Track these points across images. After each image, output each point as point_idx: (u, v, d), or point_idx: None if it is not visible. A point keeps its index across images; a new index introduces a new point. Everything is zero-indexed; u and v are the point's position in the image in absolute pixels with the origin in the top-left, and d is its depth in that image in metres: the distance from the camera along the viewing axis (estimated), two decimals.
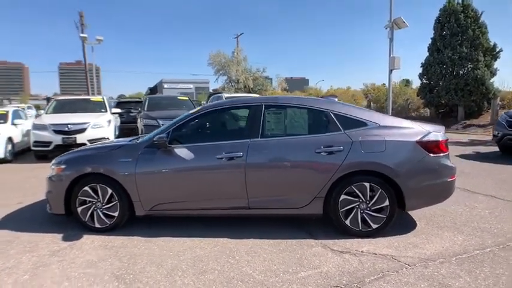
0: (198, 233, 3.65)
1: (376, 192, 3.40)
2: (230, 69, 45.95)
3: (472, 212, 4.22)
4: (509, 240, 3.36)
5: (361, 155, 3.39)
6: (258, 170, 3.50)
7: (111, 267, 2.96)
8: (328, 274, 2.77)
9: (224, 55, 46.90)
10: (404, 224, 3.81)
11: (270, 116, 3.67)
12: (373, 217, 3.44)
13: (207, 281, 2.70)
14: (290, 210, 3.53)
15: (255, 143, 3.53)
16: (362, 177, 3.41)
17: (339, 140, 3.45)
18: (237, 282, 2.68)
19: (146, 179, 3.61)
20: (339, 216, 3.46)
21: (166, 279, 2.76)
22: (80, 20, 33.54)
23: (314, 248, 3.27)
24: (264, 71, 50.43)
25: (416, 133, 3.48)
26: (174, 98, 12.46)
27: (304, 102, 3.74)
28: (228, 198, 3.57)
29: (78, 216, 3.73)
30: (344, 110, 3.62)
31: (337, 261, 2.98)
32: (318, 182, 3.42)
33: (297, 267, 2.89)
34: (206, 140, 3.75)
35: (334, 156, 3.40)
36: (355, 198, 3.43)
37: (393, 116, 3.95)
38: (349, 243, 3.34)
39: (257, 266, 2.93)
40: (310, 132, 3.62)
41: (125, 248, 3.36)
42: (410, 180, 3.39)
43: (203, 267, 2.94)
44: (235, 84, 47.28)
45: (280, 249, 3.25)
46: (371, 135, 3.46)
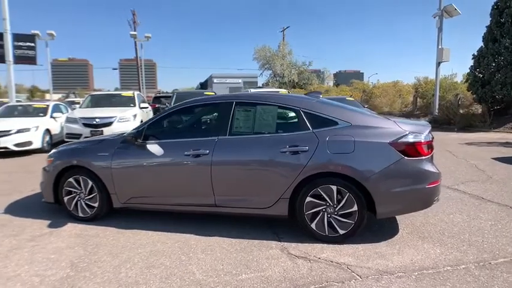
0: (168, 227, 3.73)
1: (344, 196, 3.20)
2: (275, 63, 45.78)
3: (471, 223, 3.79)
4: (494, 258, 2.97)
5: (327, 156, 3.21)
6: (223, 168, 3.47)
7: (72, 255, 3.15)
8: (269, 279, 2.68)
9: (269, 49, 46.82)
10: (384, 231, 3.55)
11: (240, 113, 3.60)
12: (341, 222, 3.25)
13: (148, 275, 2.77)
14: (256, 210, 3.46)
15: (222, 141, 3.50)
16: (329, 180, 3.23)
17: (305, 139, 3.29)
18: (175, 279, 2.70)
19: (120, 173, 3.76)
20: (304, 219, 3.32)
21: (113, 270, 2.87)
22: (133, 18, 35.54)
23: (272, 250, 3.18)
24: (310, 64, 49.52)
25: (391, 134, 3.20)
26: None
27: (275, 100, 3.61)
28: (195, 195, 3.60)
29: (65, 206, 4.01)
30: (315, 108, 3.44)
31: (287, 266, 2.87)
32: (282, 182, 3.31)
33: (243, 269, 2.84)
34: (177, 136, 3.80)
35: (298, 156, 3.26)
36: (321, 201, 3.26)
37: (377, 115, 3.66)
38: (310, 248, 3.20)
39: (204, 265, 2.93)
40: (278, 130, 3.49)
41: (96, 237, 3.54)
42: (381, 184, 3.14)
43: (153, 261, 3.01)
44: (279, 78, 47.07)
45: (237, 249, 3.21)
46: (340, 135, 3.25)
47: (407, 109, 20.45)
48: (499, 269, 2.78)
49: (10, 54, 11.44)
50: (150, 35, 30.69)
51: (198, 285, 2.62)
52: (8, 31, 11.23)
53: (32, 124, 8.62)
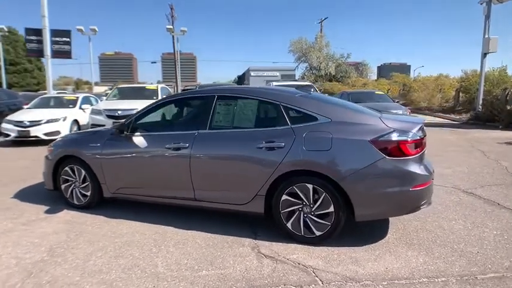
0: (154, 219, 3.78)
1: (320, 195, 3.04)
2: (311, 56, 44.87)
3: (473, 231, 3.44)
4: (483, 272, 2.67)
5: (303, 153, 3.06)
6: (201, 162, 3.44)
7: (54, 240, 3.30)
8: (227, 277, 2.62)
9: (305, 41, 45.94)
10: (371, 234, 3.33)
11: (221, 107, 3.54)
12: (317, 223, 3.09)
13: (113, 265, 2.82)
14: (233, 206, 3.40)
15: (202, 135, 3.47)
16: (305, 178, 3.08)
17: (282, 135, 3.16)
18: (136, 270, 2.73)
19: (109, 164, 3.87)
20: (280, 217, 3.21)
21: (84, 257, 2.96)
22: (171, 13, 36.42)
23: (243, 248, 3.11)
24: (348, 57, 47.97)
25: (373, 131, 2.97)
26: None
27: (256, 94, 3.49)
28: (176, 188, 3.61)
29: (62, 193, 4.21)
30: (295, 103, 3.29)
31: (251, 265, 2.79)
32: (258, 179, 3.21)
33: (205, 265, 2.80)
34: (162, 129, 3.83)
35: (274, 152, 3.14)
36: (297, 200, 3.13)
37: (364, 111, 3.41)
38: (283, 248, 3.08)
39: (170, 258, 2.93)
40: (257, 125, 3.38)
41: (83, 225, 3.69)
42: (359, 185, 2.94)
43: (124, 251, 3.06)
44: (316, 71, 46.10)
45: (208, 244, 3.18)
46: (317, 131, 3.08)
47: (448, 104, 19.12)
48: (483, 285, 2.50)
49: (48, 49, 12.24)
50: (185, 29, 31.33)
51: (156, 278, 2.62)
52: (47, 27, 11.99)
53: (61, 115, 9.17)
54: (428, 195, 3.08)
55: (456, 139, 9.75)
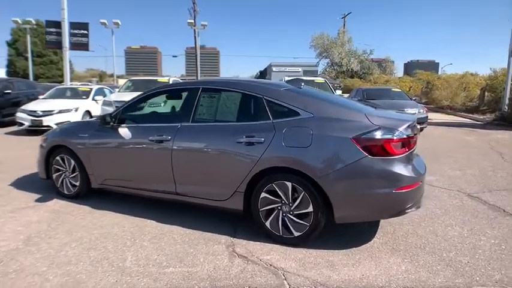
0: (137, 212, 3.74)
1: (299, 194, 2.90)
2: (332, 51, 44.04)
3: (468, 239, 3.20)
4: (469, 285, 2.45)
5: (282, 149, 2.91)
6: (182, 156, 3.36)
7: (35, 229, 3.32)
8: (192, 276, 2.54)
9: (327, 37, 45.13)
10: (356, 237, 3.16)
11: (205, 100, 3.44)
12: (295, 223, 2.95)
13: (83, 257, 2.80)
14: (213, 202, 3.30)
15: (184, 128, 3.39)
16: (284, 175, 2.94)
17: (263, 130, 3.03)
18: (104, 263, 2.70)
19: (95, 154, 3.87)
20: (258, 215, 3.09)
21: (58, 248, 2.96)
22: (193, 7, 36.61)
23: (217, 245, 3.02)
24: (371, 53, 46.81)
25: (356, 128, 2.78)
26: None
27: (240, 87, 3.36)
28: (158, 181, 3.55)
29: (54, 182, 4.25)
30: (278, 97, 3.14)
31: (220, 265, 2.69)
32: (237, 175, 3.10)
33: (174, 262, 2.73)
34: (147, 121, 3.78)
35: (253, 147, 3.01)
36: (276, 198, 3.00)
37: (350, 106, 3.21)
38: (259, 248, 2.96)
39: (141, 253, 2.87)
40: (239, 119, 3.26)
41: (67, 214, 3.70)
42: (338, 185, 2.77)
43: (98, 244, 3.04)
44: (337, 67, 45.25)
45: (184, 241, 3.10)
46: (298, 127, 2.93)
47: (472, 104, 18.24)
48: None
49: (66, 41, 12.53)
50: (206, 23, 31.40)
51: (121, 272, 2.57)
52: (66, 20, 12.27)
53: (73, 105, 9.37)
54: (415, 198, 2.87)
55: (475, 140, 9.26)
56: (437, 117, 15.35)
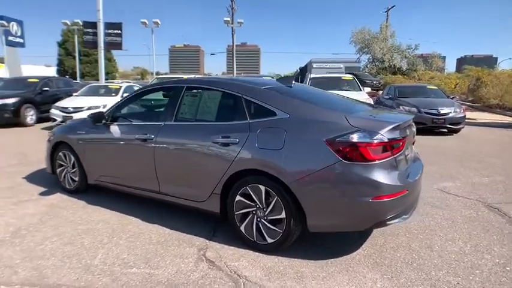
0: (127, 209, 3.78)
1: (272, 199, 2.74)
2: (374, 47, 42.27)
3: (467, 257, 2.84)
4: None
5: (255, 151, 2.77)
6: (164, 155, 3.33)
7: (27, 222, 3.46)
8: (151, 278, 2.49)
9: (369, 31, 43.34)
10: (340, 247, 2.94)
11: (188, 98, 3.37)
12: (269, 229, 2.80)
13: (58, 251, 2.87)
14: (192, 202, 3.24)
15: (166, 127, 3.35)
16: (258, 178, 2.80)
17: (239, 130, 2.90)
18: (73, 259, 2.74)
19: (90, 151, 3.97)
20: (234, 219, 2.97)
21: (40, 241, 3.06)
22: (231, 5, 36.96)
23: (190, 248, 2.95)
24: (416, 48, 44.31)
25: (332, 130, 2.56)
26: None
27: (220, 85, 3.24)
28: (143, 179, 3.55)
29: (58, 177, 4.44)
30: (257, 96, 2.98)
31: (184, 268, 2.62)
32: (213, 176, 3.00)
33: (140, 263, 2.70)
34: (135, 119, 3.79)
35: (228, 148, 2.90)
36: (251, 202, 2.86)
37: (332, 106, 2.97)
38: (231, 253, 2.85)
39: (113, 252, 2.88)
40: (218, 118, 3.16)
41: (61, 209, 3.83)
42: (311, 191, 2.57)
43: (78, 239, 3.10)
44: (379, 63, 43.41)
45: (159, 241, 3.07)
46: (272, 128, 2.77)
47: None
48: None
49: (102, 41, 13.17)
50: (242, 21, 31.58)
51: (85, 270, 2.59)
52: (101, 21, 12.89)
53: (102, 102, 9.80)
54: (399, 209, 2.59)
55: None
56: (482, 117, 14.12)
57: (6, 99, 9.80)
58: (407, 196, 2.64)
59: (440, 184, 4.87)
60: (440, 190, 4.61)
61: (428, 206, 3.97)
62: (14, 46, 26.04)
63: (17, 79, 11.77)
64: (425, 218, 3.63)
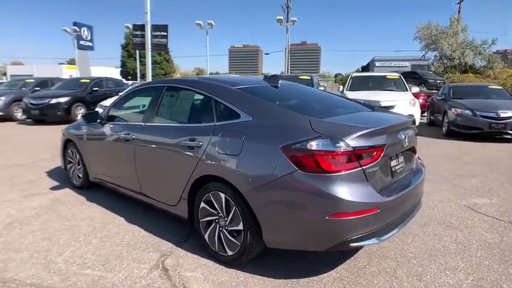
0: (118, 208, 3.83)
1: (231, 208, 2.54)
2: (441, 43, 38.87)
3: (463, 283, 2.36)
4: None
5: (215, 156, 2.59)
6: (141, 155, 3.31)
7: (25, 215, 3.68)
8: (98, 282, 2.45)
9: (436, 26, 39.94)
10: (311, 265, 2.63)
11: (167, 99, 3.30)
12: (229, 240, 2.60)
13: (34, 245, 2.98)
14: (166, 206, 3.16)
15: (146, 127, 3.32)
16: (218, 185, 2.61)
17: (204, 132, 2.74)
18: (40, 256, 2.81)
19: (88, 149, 4.11)
20: (199, 226, 2.83)
21: (24, 234, 3.21)
22: (286, 3, 36.73)
23: (153, 253, 2.86)
24: (493, 43, 39.85)
25: (291, 135, 2.28)
26: (296, 77, 12.15)
27: (195, 85, 3.09)
28: (128, 179, 3.57)
29: (68, 173, 4.69)
30: (225, 96, 2.79)
31: (134, 275, 2.53)
32: (180, 180, 2.88)
33: (98, 264, 2.68)
34: (124, 119, 3.80)
35: (193, 152, 2.75)
36: (213, 210, 2.69)
37: (299, 108, 2.66)
38: (192, 262, 2.71)
39: (80, 250, 2.90)
40: (190, 119, 3.03)
41: (61, 204, 4.01)
42: (265, 202, 2.33)
43: (58, 235, 3.20)
44: (447, 61, 39.84)
45: (129, 243, 3.04)
46: (233, 131, 2.56)
47: None
48: None
49: (149, 43, 13.87)
50: (295, 19, 31.14)
51: (44, 267, 2.64)
52: (149, 23, 13.58)
53: None
54: (369, 229, 2.21)
55: None
56: None
57: (59, 98, 10.78)
58: (381, 215, 2.24)
59: (470, 200, 4.20)
60: (468, 207, 3.96)
61: (441, 226, 3.42)
62: (84, 49, 28.77)
63: (72, 80, 12.94)
64: (431, 239, 3.12)
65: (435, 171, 5.54)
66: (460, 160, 6.45)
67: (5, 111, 11.58)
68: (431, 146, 7.95)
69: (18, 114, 11.83)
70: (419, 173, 2.95)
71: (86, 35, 28.74)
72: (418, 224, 3.46)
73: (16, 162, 6.01)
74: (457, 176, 5.27)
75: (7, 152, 7.00)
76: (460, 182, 4.94)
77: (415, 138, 2.89)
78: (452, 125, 9.10)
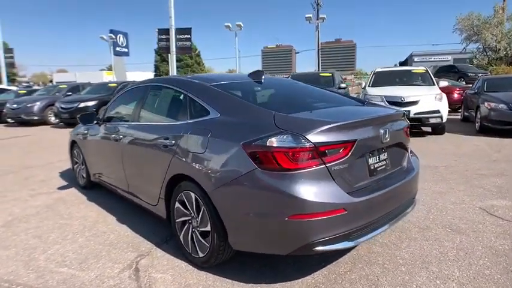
0: (115, 208, 3.88)
1: (201, 208, 2.45)
2: (484, 33, 36.33)
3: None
4: None
5: (185, 155, 2.52)
6: (127, 155, 3.32)
7: (26, 213, 3.83)
8: (69, 280, 2.45)
9: (478, 16, 37.40)
10: (285, 270, 2.49)
11: (150, 98, 3.29)
12: (200, 242, 2.52)
13: (21, 243, 3.07)
14: (149, 205, 3.13)
15: (131, 126, 3.34)
16: (189, 185, 2.53)
17: (177, 131, 2.69)
18: (25, 253, 2.89)
19: (88, 150, 4.21)
20: (175, 227, 2.77)
21: (18, 232, 3.33)
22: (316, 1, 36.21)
23: (131, 253, 2.84)
24: None
25: (253, 131, 2.15)
26: (316, 75, 11.78)
27: (173, 83, 3.04)
28: (118, 179, 3.60)
29: (74, 172, 4.85)
30: (198, 93, 2.71)
31: (106, 274, 2.52)
32: (157, 179, 2.84)
33: (76, 263, 2.69)
34: (116, 120, 3.83)
35: (167, 151, 2.70)
36: (186, 210, 2.62)
37: (269, 104, 2.51)
38: (165, 263, 2.66)
39: (64, 249, 2.95)
40: (168, 118, 3.01)
41: (63, 203, 4.14)
42: (227, 202, 2.22)
43: (48, 233, 3.28)
44: (491, 53, 37.21)
45: (112, 242, 3.05)
46: (200, 129, 2.48)
47: None
48: None
49: (173, 46, 14.16)
50: (325, 16, 30.61)
51: (24, 264, 2.70)
52: (173, 27, 13.87)
53: None
54: (335, 232, 2.02)
55: None
56: None
57: (87, 102, 11.29)
58: (350, 216, 2.05)
59: (487, 202, 3.80)
60: (482, 210, 3.58)
61: (445, 230, 3.11)
62: (120, 55, 30.12)
63: (100, 84, 13.50)
64: (429, 244, 2.84)
65: (456, 171, 5.11)
66: (488, 158, 5.90)
67: (39, 116, 12.35)
68: (460, 143, 7.38)
69: (52, 118, 12.56)
70: (411, 170, 2.68)
71: (122, 41, 30.05)
72: (419, 227, 3.17)
73: (36, 163, 6.34)
74: (479, 176, 4.82)
75: (31, 153, 7.43)
76: (480, 182, 4.50)
77: (403, 133, 2.63)
78: (486, 120, 8.40)
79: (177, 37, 15.05)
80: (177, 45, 14.61)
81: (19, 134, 10.84)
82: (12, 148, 8.20)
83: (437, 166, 5.40)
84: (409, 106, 7.93)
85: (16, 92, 16.14)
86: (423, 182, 4.47)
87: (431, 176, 4.82)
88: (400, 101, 8.11)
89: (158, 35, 15.52)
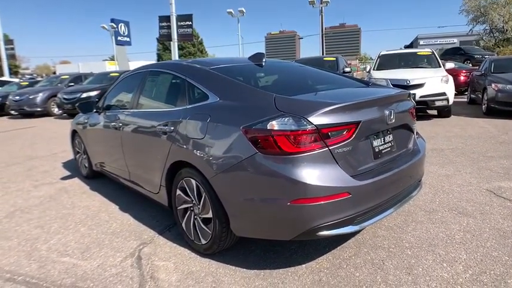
0: (118, 197, 3.87)
1: (202, 195, 2.41)
2: (491, 14, 35.49)
3: None
4: None
5: (184, 141, 2.47)
6: (127, 143, 3.28)
7: (28, 203, 3.83)
8: (71, 270, 2.44)
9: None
10: (291, 255, 2.45)
11: (148, 84, 3.22)
12: (202, 229, 2.49)
13: (23, 234, 3.06)
14: (151, 193, 3.10)
15: (130, 114, 3.28)
16: (190, 171, 2.49)
17: (176, 116, 2.63)
18: (28, 243, 2.88)
19: (89, 139, 4.17)
20: (177, 214, 2.74)
21: (20, 222, 3.32)
22: None
23: (134, 241, 2.83)
24: None
25: (253, 115, 2.08)
26: (320, 59, 11.57)
27: (172, 68, 2.96)
28: (119, 167, 3.56)
29: (76, 162, 4.83)
30: (197, 77, 2.64)
31: (108, 263, 2.50)
32: (158, 167, 2.80)
33: (78, 253, 2.67)
34: (116, 108, 3.76)
35: (166, 137, 2.65)
36: (187, 197, 2.58)
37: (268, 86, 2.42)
38: (168, 251, 2.64)
39: (66, 238, 2.93)
40: (167, 103, 2.95)
41: (65, 193, 4.13)
42: (228, 188, 2.17)
43: (49, 223, 3.27)
44: (499, 34, 36.45)
45: (115, 231, 3.03)
46: (200, 114, 2.41)
47: None
48: None
49: (175, 33, 13.96)
50: (328, 0, 30.01)
51: (26, 254, 2.69)
52: (174, 14, 13.65)
53: None
54: (339, 216, 1.97)
55: None
56: None
57: (89, 92, 11.22)
58: (354, 200, 1.99)
59: (494, 183, 3.72)
60: (490, 191, 3.51)
61: (452, 213, 3.05)
62: (122, 45, 29.78)
63: (102, 74, 13.39)
64: (435, 227, 2.79)
65: (462, 153, 5.02)
66: (495, 140, 5.79)
67: (42, 107, 12.33)
68: (467, 125, 7.25)
69: (55, 109, 12.54)
70: (417, 152, 2.61)
71: (123, 30, 29.68)
72: (425, 210, 3.12)
73: (40, 154, 6.34)
74: (486, 158, 4.73)
75: (35, 144, 7.42)
76: (487, 164, 4.41)
77: (408, 114, 2.55)
78: (493, 102, 8.23)
79: (178, 24, 14.83)
80: (178, 32, 14.41)
81: (22, 125, 10.85)
82: (16, 140, 8.21)
83: (444, 149, 5.31)
84: (414, 89, 7.77)
85: (18, 83, 16.11)
86: (429, 165, 4.40)
87: (437, 159, 4.74)
88: (406, 84, 7.95)
89: (159, 23, 15.30)
